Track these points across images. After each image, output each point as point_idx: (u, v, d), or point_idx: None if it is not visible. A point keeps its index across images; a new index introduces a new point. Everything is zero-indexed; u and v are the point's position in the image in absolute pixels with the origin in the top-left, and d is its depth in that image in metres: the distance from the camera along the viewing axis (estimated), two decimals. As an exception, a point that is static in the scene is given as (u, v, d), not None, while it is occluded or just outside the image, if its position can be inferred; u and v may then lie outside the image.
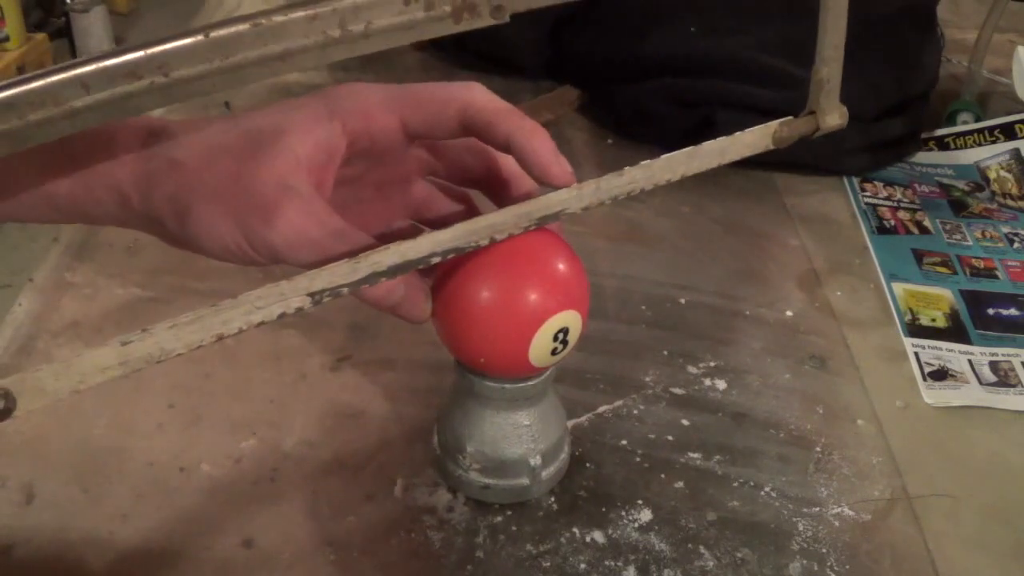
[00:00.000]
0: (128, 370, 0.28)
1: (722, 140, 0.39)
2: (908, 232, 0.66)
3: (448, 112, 0.36)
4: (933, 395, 0.51)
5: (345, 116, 0.35)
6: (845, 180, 0.71)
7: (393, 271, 0.32)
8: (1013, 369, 0.53)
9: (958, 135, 0.75)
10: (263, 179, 0.33)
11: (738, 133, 0.40)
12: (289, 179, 0.33)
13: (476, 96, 0.36)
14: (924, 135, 0.76)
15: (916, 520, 0.44)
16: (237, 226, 0.33)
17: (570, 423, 0.47)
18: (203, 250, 0.35)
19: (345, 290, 0.31)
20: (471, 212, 0.41)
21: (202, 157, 0.34)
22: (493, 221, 0.34)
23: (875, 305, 0.58)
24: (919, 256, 0.63)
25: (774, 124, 0.41)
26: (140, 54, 0.25)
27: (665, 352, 0.53)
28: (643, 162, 0.37)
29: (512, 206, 0.35)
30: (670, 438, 0.48)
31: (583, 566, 0.41)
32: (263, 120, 0.35)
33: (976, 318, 0.57)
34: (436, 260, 0.33)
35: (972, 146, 0.74)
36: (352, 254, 0.32)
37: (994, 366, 0.54)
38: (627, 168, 0.36)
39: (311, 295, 0.31)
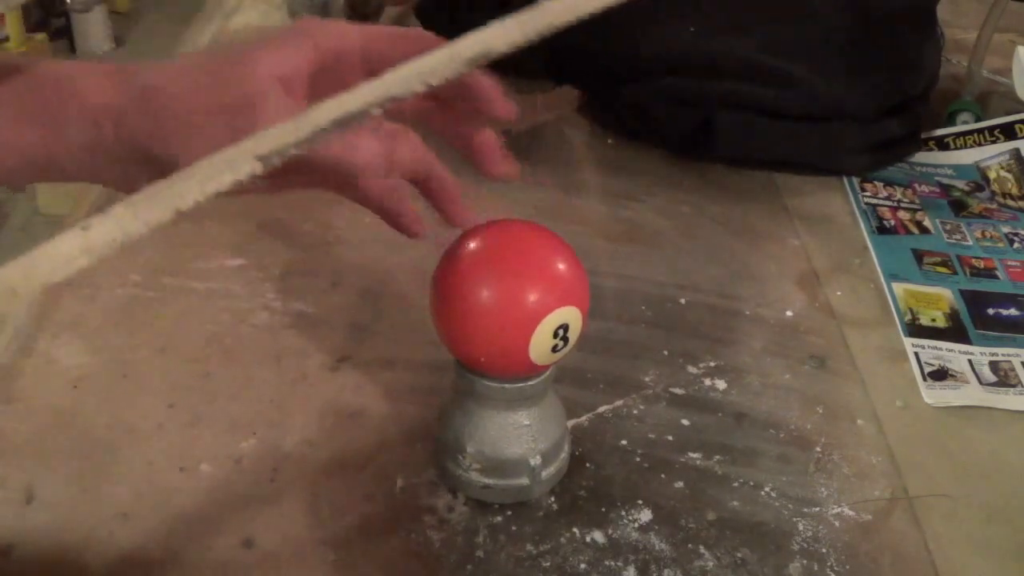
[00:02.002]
0: (93, 257, 0.27)
1: None
2: (908, 232, 0.66)
3: (404, 45, 0.37)
4: (933, 395, 0.51)
5: (317, 35, 0.37)
6: (845, 180, 0.71)
7: (335, 124, 0.32)
8: (1013, 369, 0.53)
9: (958, 135, 0.75)
10: (240, 82, 0.34)
11: None
12: (264, 85, 0.35)
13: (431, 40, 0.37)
14: (924, 135, 0.76)
15: (916, 520, 0.44)
16: (222, 129, 0.34)
17: (570, 423, 0.47)
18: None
19: (293, 150, 0.31)
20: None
21: (175, 78, 0.35)
22: (423, 66, 0.34)
23: (875, 305, 0.58)
24: (919, 256, 0.63)
25: None
26: None
27: (665, 352, 0.53)
28: None
29: (441, 49, 0.35)
30: (670, 438, 0.48)
31: (583, 566, 0.41)
32: (232, 46, 0.36)
33: (976, 318, 0.57)
34: (376, 111, 0.33)
35: (972, 146, 0.74)
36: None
37: (994, 366, 0.54)
38: (465, 38, 0.36)
39: (259, 158, 0.30)
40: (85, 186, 0.63)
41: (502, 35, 0.34)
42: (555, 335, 0.38)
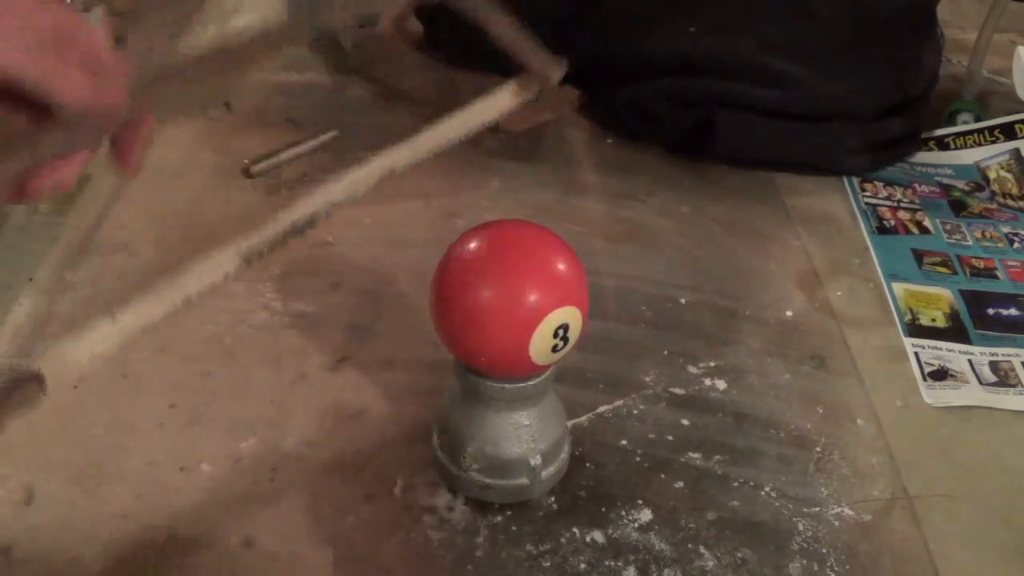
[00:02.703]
0: (123, 337, 0.33)
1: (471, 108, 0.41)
2: (908, 232, 0.66)
3: None
4: (933, 395, 0.51)
5: None
6: (845, 180, 0.71)
7: (295, 229, 0.37)
8: (1013, 369, 0.53)
9: (958, 135, 0.75)
10: None
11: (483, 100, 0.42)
12: None
13: None
14: (924, 135, 0.76)
15: (916, 520, 0.44)
16: None
17: (570, 423, 0.47)
18: None
19: (265, 249, 0.36)
20: None
21: None
22: (356, 180, 0.38)
23: (875, 305, 0.58)
24: (919, 256, 0.63)
25: (512, 85, 0.44)
26: None
27: (665, 352, 0.53)
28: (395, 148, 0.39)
29: (361, 168, 0.38)
30: (670, 438, 0.48)
31: (583, 566, 0.41)
32: None
33: (976, 318, 0.57)
34: (325, 216, 0.37)
35: (972, 146, 0.74)
36: None
37: (994, 366, 0.54)
38: (374, 159, 0.39)
39: (242, 257, 0.36)
40: (82, 188, 0.63)
41: (402, 159, 0.39)
42: (555, 335, 0.38)
